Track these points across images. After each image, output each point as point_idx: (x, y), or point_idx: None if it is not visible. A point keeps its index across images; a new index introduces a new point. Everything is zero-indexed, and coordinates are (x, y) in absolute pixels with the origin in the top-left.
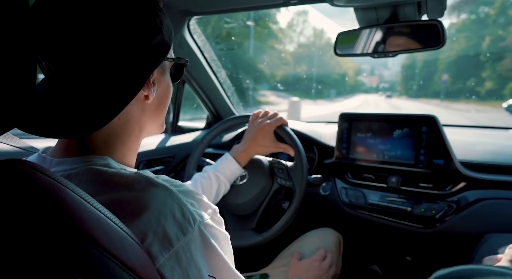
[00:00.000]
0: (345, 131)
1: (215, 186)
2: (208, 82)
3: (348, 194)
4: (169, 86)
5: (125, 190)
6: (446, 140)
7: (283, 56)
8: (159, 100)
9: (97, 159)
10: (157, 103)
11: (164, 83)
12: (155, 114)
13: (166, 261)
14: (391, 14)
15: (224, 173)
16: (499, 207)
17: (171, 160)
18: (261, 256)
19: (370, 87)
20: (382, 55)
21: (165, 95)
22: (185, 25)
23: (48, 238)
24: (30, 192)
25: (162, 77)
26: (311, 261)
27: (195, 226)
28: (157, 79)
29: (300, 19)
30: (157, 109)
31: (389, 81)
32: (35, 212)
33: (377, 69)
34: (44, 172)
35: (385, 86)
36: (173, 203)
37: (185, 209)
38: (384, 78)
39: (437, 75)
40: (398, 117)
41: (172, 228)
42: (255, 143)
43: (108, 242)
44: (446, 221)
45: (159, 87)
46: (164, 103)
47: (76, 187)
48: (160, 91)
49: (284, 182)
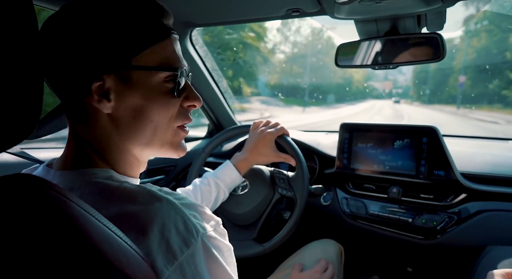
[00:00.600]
0: (346, 141)
1: (214, 193)
2: (210, 91)
3: (349, 204)
4: (150, 98)
5: (128, 203)
6: (447, 151)
7: (275, 59)
8: (134, 113)
9: (100, 172)
10: (131, 116)
11: (135, 94)
12: (133, 129)
13: (171, 274)
14: (391, 26)
15: (224, 180)
16: (500, 219)
17: (172, 169)
18: (262, 267)
19: (382, 93)
20: (382, 67)
21: (143, 108)
22: (187, 36)
23: (54, 252)
24: (36, 206)
25: (127, 88)
26: (312, 272)
27: (198, 238)
28: (116, 90)
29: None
30: (133, 122)
31: (403, 87)
32: (41, 225)
33: (391, 74)
34: (49, 185)
35: (398, 91)
36: (176, 215)
37: (188, 222)
38: (399, 83)
39: (453, 77)
40: (399, 128)
41: (175, 241)
42: (256, 151)
43: (113, 256)
44: (447, 233)
45: (125, 98)
46: (146, 117)
47: (80, 201)
48: (131, 103)
49: (285, 192)
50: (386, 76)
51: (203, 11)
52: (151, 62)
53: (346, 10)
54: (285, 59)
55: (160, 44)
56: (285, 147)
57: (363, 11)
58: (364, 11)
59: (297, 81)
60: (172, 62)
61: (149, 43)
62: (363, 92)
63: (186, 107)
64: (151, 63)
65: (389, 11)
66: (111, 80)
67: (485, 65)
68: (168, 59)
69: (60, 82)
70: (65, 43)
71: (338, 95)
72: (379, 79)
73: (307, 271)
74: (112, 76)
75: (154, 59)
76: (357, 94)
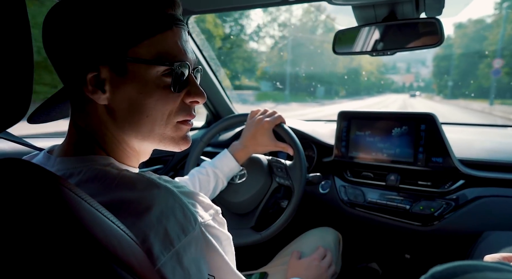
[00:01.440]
0: (344, 130)
1: (212, 182)
2: (207, 81)
3: (347, 192)
4: (146, 92)
5: (127, 190)
6: (445, 138)
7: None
8: (129, 106)
9: (100, 159)
10: (126, 109)
11: (131, 87)
12: (131, 123)
13: (167, 261)
14: (389, 12)
15: (222, 169)
16: (498, 205)
17: (171, 158)
18: (261, 255)
19: (402, 86)
20: (380, 53)
21: (139, 102)
22: None
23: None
24: (25, 190)
25: (123, 80)
26: (311, 259)
27: (196, 226)
28: (112, 81)
29: None
30: (130, 116)
31: (426, 80)
32: (31, 210)
33: (414, 66)
34: (39, 170)
35: (420, 85)
36: (174, 203)
37: (186, 210)
38: (421, 76)
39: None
40: (397, 115)
41: (173, 228)
42: (254, 141)
43: (105, 240)
44: (444, 219)
45: (120, 90)
46: (142, 111)
47: (72, 185)
48: (126, 95)
49: (283, 180)
50: (408, 69)
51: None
52: (148, 54)
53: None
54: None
55: (161, 36)
56: (283, 136)
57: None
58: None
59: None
60: (172, 55)
61: (146, 35)
62: (379, 86)
63: (188, 103)
64: (148, 55)
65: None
66: (106, 71)
67: None
68: (168, 52)
69: (61, 70)
70: (65, 32)
71: (349, 88)
72: (400, 72)
73: (306, 259)
74: (107, 68)
75: (151, 51)
76: (372, 87)
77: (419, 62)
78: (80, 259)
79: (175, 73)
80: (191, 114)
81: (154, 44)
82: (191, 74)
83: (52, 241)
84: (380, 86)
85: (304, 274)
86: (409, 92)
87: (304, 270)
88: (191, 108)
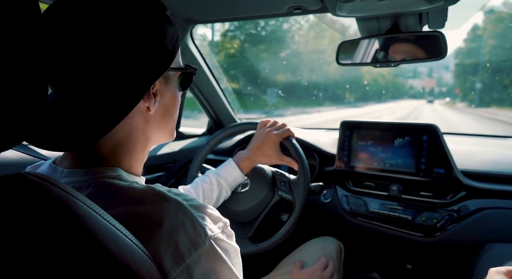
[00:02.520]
0: (346, 139)
1: (216, 191)
2: (210, 88)
3: (349, 202)
4: (175, 95)
5: (137, 204)
6: (447, 149)
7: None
8: (165, 110)
9: (108, 171)
10: (162, 113)
11: (169, 93)
12: (161, 124)
13: (178, 276)
14: (393, 24)
15: (226, 179)
16: (500, 217)
17: (172, 165)
18: (263, 264)
19: (421, 92)
20: (384, 65)
21: (171, 105)
22: (188, 33)
23: (61, 251)
24: (42, 205)
25: (165, 87)
26: (313, 269)
27: (206, 240)
28: (160, 90)
29: None
30: (162, 119)
31: (448, 85)
32: (47, 224)
33: (436, 71)
34: (55, 184)
35: (442, 90)
36: (184, 217)
37: (197, 224)
38: (444, 81)
39: None
40: (399, 126)
41: (184, 243)
42: (260, 152)
43: (119, 254)
44: (447, 230)
45: (163, 98)
46: (171, 113)
47: (87, 199)
48: (164, 101)
49: (285, 194)
50: (430, 73)
51: (204, 7)
52: (176, 61)
53: (347, 8)
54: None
55: None
56: (290, 149)
57: (364, 9)
58: (365, 9)
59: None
60: (178, 59)
61: (179, 44)
62: (395, 91)
63: None
64: (177, 63)
65: (391, 9)
66: (158, 82)
67: None
68: (177, 57)
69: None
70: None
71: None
72: (421, 77)
73: (308, 269)
74: (160, 79)
75: (177, 59)
76: (389, 93)
77: (442, 67)
78: (95, 274)
79: (188, 75)
80: None
81: (177, 55)
82: None
83: (68, 255)
84: (394, 91)
85: None
86: (428, 98)
87: None
88: None
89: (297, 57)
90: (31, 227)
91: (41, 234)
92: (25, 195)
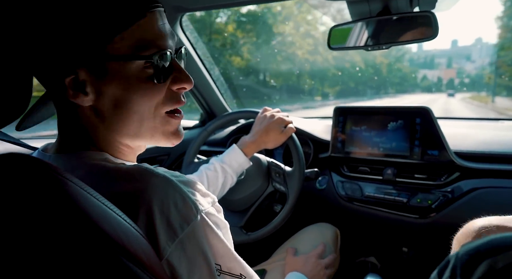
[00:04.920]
0: (340, 125)
1: (221, 178)
2: (201, 79)
3: (345, 187)
4: (128, 88)
5: (125, 182)
6: (440, 131)
7: None
8: (114, 106)
9: (95, 154)
10: (112, 108)
11: (113, 86)
12: (118, 122)
13: (173, 251)
14: (384, 6)
15: (231, 165)
16: (493, 196)
17: (166, 158)
18: (259, 251)
19: (438, 83)
20: (375, 48)
21: (124, 99)
22: (177, 22)
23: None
24: (34, 185)
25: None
26: (308, 256)
27: (198, 214)
28: (92, 82)
29: None
30: (117, 115)
31: (471, 76)
32: (40, 205)
33: (456, 62)
34: (46, 165)
35: (465, 81)
36: (174, 192)
37: (187, 198)
38: (467, 71)
39: None
40: (392, 109)
41: (175, 218)
42: (266, 135)
43: (114, 234)
44: (442, 211)
45: (103, 90)
46: (129, 108)
47: (79, 181)
48: (110, 94)
49: (279, 186)
50: (450, 64)
51: None
52: (125, 48)
53: None
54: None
55: (135, 26)
56: (289, 143)
57: None
58: None
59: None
60: (151, 43)
61: (118, 29)
62: (403, 83)
63: (175, 90)
64: (125, 49)
65: None
66: (84, 74)
67: None
68: (146, 40)
69: (38, 75)
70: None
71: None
72: (439, 67)
73: (303, 256)
74: (84, 70)
75: (128, 44)
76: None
77: (463, 56)
78: (90, 253)
79: (155, 66)
80: (180, 101)
81: (129, 37)
82: (174, 59)
83: (61, 236)
84: (412, 85)
85: (302, 270)
86: (448, 91)
87: (302, 266)
88: (179, 95)
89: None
90: (23, 208)
91: (33, 215)
92: (17, 175)
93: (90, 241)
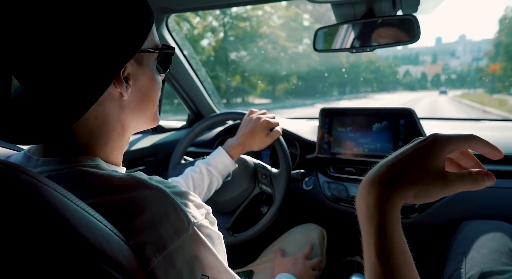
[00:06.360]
0: (326, 126)
1: (207, 180)
2: (188, 80)
3: (331, 188)
4: (153, 78)
5: (117, 192)
6: (423, 131)
7: None
8: (142, 95)
9: (87, 160)
10: (139, 99)
11: (144, 76)
12: (138, 110)
13: (160, 263)
14: (368, 9)
15: (217, 167)
16: (476, 195)
17: (153, 159)
18: (246, 253)
19: (421, 79)
20: (360, 50)
21: (149, 89)
22: (163, 23)
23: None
24: (9, 191)
25: (140, 70)
26: (296, 257)
27: (190, 227)
28: (133, 73)
29: None
30: (140, 105)
31: (457, 72)
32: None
33: (441, 58)
34: (22, 170)
35: (452, 77)
36: (167, 204)
37: (180, 211)
38: (451, 68)
39: None
40: (377, 111)
41: (166, 230)
42: (251, 137)
43: (93, 239)
44: (424, 211)
45: (138, 82)
46: (150, 97)
47: (57, 186)
48: (140, 85)
49: (265, 187)
50: (435, 60)
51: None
52: (151, 42)
53: None
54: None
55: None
56: (275, 145)
57: None
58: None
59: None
60: (157, 41)
61: (152, 23)
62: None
63: None
64: (152, 43)
65: None
66: (130, 65)
67: None
68: (156, 38)
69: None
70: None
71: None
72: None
73: (291, 257)
74: (131, 61)
75: (152, 39)
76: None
77: (448, 53)
78: (67, 258)
79: (166, 56)
80: None
81: (152, 32)
82: None
83: (38, 241)
84: (393, 83)
85: (291, 271)
86: (440, 89)
87: (291, 267)
88: None
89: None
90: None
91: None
92: None
93: (67, 246)
